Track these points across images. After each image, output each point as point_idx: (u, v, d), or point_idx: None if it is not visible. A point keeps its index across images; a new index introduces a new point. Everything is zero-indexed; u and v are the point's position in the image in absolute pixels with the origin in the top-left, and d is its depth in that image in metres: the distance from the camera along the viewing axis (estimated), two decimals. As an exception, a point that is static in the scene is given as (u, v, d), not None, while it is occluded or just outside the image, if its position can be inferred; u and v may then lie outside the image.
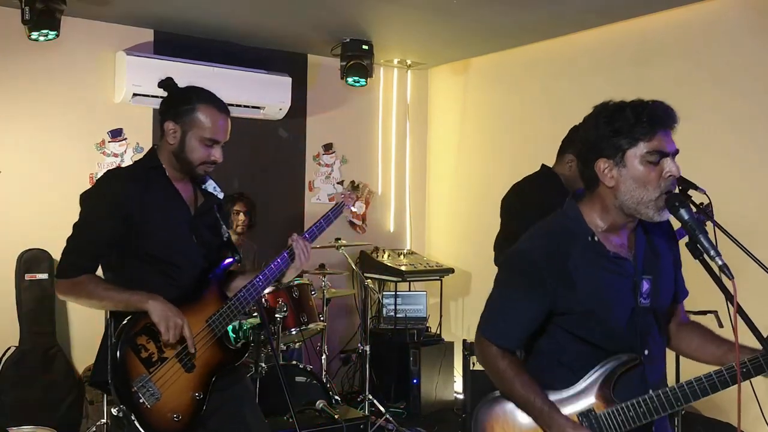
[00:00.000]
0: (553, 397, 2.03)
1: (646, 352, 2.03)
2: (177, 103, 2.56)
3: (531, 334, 2.12)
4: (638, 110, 1.91)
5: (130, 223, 2.46)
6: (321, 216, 2.84)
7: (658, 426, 2.05)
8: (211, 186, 2.67)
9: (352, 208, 3.00)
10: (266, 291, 3.65)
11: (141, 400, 2.37)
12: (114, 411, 4.10)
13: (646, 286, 2.04)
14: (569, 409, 2.02)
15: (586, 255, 2.02)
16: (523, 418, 2.07)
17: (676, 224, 2.00)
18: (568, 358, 2.07)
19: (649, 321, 2.06)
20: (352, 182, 3.08)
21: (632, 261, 2.05)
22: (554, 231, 2.09)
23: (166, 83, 2.62)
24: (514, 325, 2.09)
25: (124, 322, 2.43)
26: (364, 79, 5.71)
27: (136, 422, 2.35)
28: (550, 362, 2.11)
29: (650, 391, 1.96)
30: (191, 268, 2.54)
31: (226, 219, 2.73)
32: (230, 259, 2.64)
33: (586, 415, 2.01)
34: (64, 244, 2.54)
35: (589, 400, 2.02)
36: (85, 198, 2.55)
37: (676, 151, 1.95)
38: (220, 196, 2.68)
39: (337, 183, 6.23)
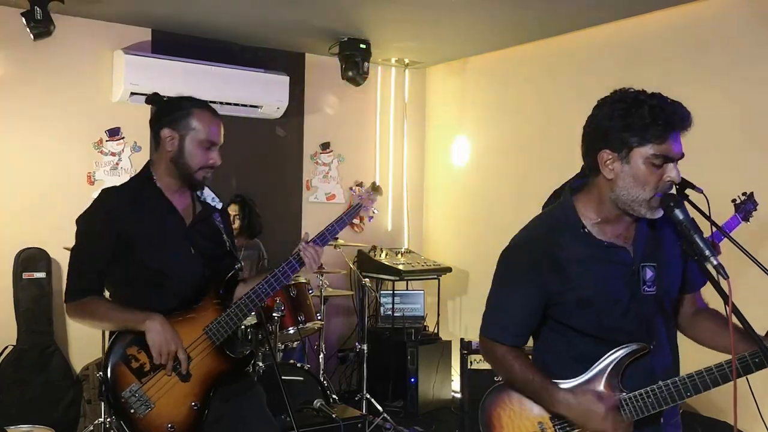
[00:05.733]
0: (562, 386, 2.04)
1: (654, 342, 2.02)
2: (171, 110, 2.57)
3: (532, 330, 2.14)
4: (656, 111, 1.88)
5: (122, 239, 2.46)
6: (335, 219, 2.72)
7: (667, 416, 2.05)
8: (209, 197, 2.66)
9: (374, 211, 2.86)
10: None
11: (132, 410, 2.37)
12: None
13: (649, 273, 2.03)
14: (578, 399, 2.02)
15: (578, 245, 2.03)
16: (529, 404, 2.09)
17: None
18: (574, 352, 2.08)
19: (654, 310, 2.05)
20: (373, 183, 2.94)
21: (630, 249, 2.04)
22: (545, 222, 2.13)
23: (153, 98, 2.64)
24: (511, 319, 2.12)
25: (117, 333, 2.44)
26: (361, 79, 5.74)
27: (128, 431, 2.37)
28: (557, 356, 2.12)
29: (659, 382, 1.96)
30: (188, 277, 2.53)
31: (229, 228, 2.69)
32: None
33: None
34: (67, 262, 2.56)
35: (597, 391, 2.01)
36: (79, 221, 2.56)
37: (682, 155, 1.94)
38: (219, 206, 2.67)
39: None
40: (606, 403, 1.97)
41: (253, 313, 4.18)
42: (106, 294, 2.58)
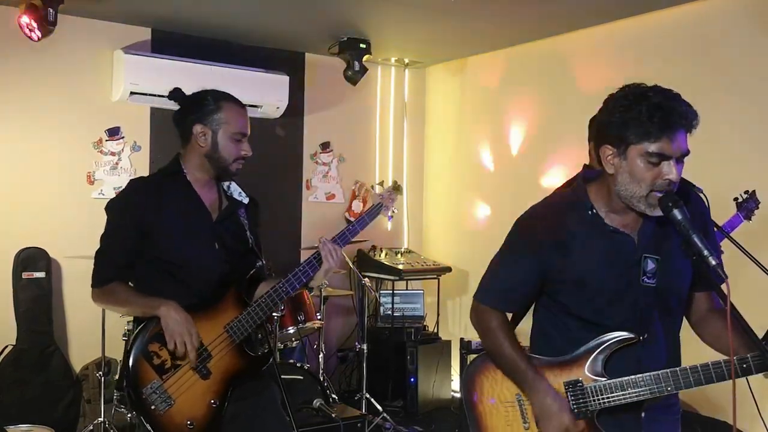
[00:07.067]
0: (545, 361, 2.09)
1: (646, 334, 2.03)
2: (200, 105, 2.58)
3: (527, 304, 2.20)
4: (653, 109, 1.88)
5: (145, 231, 2.48)
6: (356, 219, 2.70)
7: (651, 410, 2.05)
8: (236, 191, 2.68)
9: (393, 210, 2.83)
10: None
11: (152, 407, 2.39)
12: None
13: (651, 265, 2.03)
14: (558, 376, 2.06)
15: (584, 227, 2.06)
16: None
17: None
18: (567, 335, 2.10)
19: (652, 302, 2.05)
20: (395, 182, 2.91)
21: (635, 238, 2.05)
22: (556, 202, 2.19)
23: (176, 94, 2.64)
24: (507, 288, 2.17)
25: (138, 329, 2.45)
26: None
27: (148, 427, 2.38)
28: (550, 339, 2.15)
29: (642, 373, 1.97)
30: (210, 273, 2.53)
31: (254, 224, 2.70)
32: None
33: (573, 384, 2.03)
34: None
35: (579, 371, 2.04)
36: (108, 208, 2.59)
37: (686, 153, 1.93)
38: (245, 201, 2.68)
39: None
40: (565, 418, 2.01)
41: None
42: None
